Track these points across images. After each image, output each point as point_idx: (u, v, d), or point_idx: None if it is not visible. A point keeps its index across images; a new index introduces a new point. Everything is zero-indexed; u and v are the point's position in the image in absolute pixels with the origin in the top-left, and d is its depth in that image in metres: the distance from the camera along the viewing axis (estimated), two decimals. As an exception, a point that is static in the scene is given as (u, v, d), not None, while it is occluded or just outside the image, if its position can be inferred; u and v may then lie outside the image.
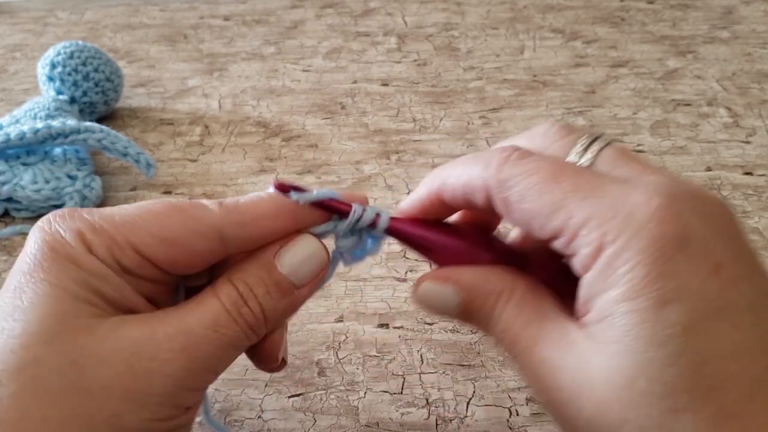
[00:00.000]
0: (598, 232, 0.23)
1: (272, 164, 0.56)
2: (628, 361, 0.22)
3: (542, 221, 0.25)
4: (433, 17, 0.77)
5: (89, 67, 0.58)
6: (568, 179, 0.24)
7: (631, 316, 0.22)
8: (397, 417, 0.37)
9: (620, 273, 0.22)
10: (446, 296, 0.28)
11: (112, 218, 0.27)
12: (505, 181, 0.25)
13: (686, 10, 0.76)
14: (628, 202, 0.23)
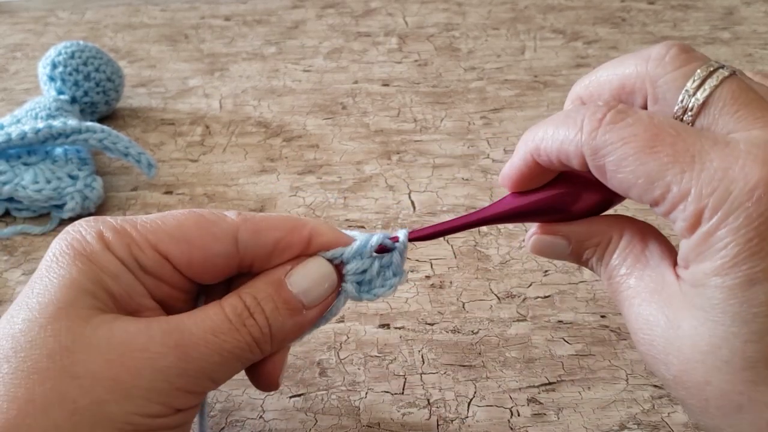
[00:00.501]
0: (695, 208, 0.23)
1: (273, 164, 0.56)
2: (715, 331, 0.23)
3: (640, 192, 0.24)
4: (434, 17, 0.77)
5: (90, 67, 0.58)
6: (666, 147, 0.23)
7: (720, 290, 0.23)
8: (399, 417, 0.37)
9: (715, 249, 0.23)
10: (558, 246, 0.30)
11: (134, 221, 0.28)
12: (599, 149, 0.25)
13: (687, 11, 0.76)
14: (727, 176, 0.22)
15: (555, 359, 0.40)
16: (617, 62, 0.28)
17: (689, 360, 0.24)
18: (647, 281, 0.26)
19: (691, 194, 0.23)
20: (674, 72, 0.25)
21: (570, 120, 0.26)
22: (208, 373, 0.27)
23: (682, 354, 0.24)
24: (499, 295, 0.44)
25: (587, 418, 0.37)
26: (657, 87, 0.26)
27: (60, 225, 0.51)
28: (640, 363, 0.40)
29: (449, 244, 0.48)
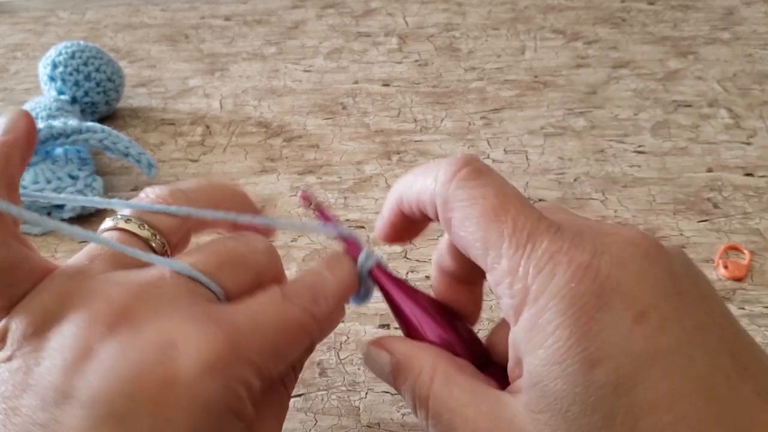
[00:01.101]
0: (522, 285, 0.23)
1: (273, 164, 0.56)
2: (564, 429, 0.21)
3: (476, 254, 0.25)
4: (434, 18, 0.77)
5: (91, 67, 0.58)
6: (508, 219, 0.24)
7: (560, 381, 0.21)
8: (399, 417, 0.37)
9: (544, 334, 0.22)
10: (381, 362, 0.28)
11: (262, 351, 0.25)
12: (447, 202, 0.25)
13: (687, 11, 0.76)
14: (553, 259, 0.23)
15: (555, 359, 0.40)
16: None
17: None
18: (477, 405, 0.24)
19: (519, 272, 0.23)
20: None
21: (429, 170, 0.26)
22: None
23: None
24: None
25: (587, 419, 0.37)
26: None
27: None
28: (640, 363, 0.40)
29: (449, 245, 0.48)
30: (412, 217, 0.28)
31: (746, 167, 0.54)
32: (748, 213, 0.49)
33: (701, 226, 0.48)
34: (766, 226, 0.48)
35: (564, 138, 0.58)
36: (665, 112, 0.60)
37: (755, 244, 0.47)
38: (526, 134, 0.58)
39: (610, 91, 0.64)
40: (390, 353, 0.28)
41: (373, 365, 0.29)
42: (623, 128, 0.59)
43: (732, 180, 0.52)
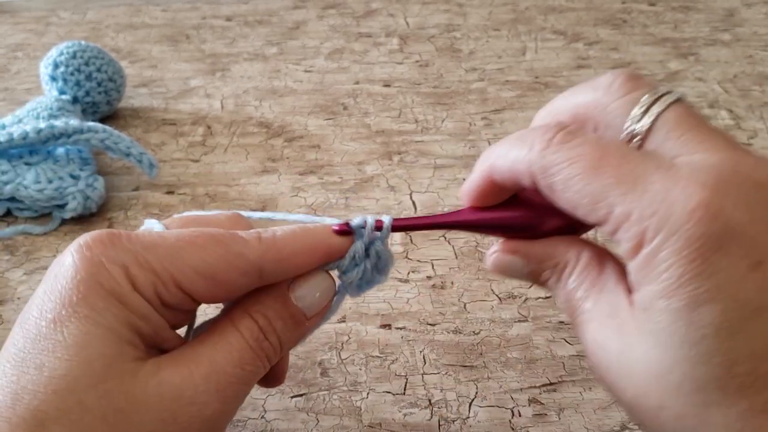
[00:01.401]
0: (637, 229, 0.23)
1: (275, 165, 0.56)
2: (664, 356, 0.23)
3: (585, 211, 0.25)
4: (435, 18, 0.77)
5: (92, 66, 0.58)
6: (611, 169, 0.24)
7: (666, 314, 0.23)
8: (400, 417, 0.37)
9: (658, 271, 0.23)
10: (516, 266, 0.29)
11: (154, 249, 0.27)
12: (547, 168, 0.25)
13: (688, 12, 0.76)
14: (668, 198, 0.23)
15: (556, 360, 0.40)
16: (572, 91, 0.29)
17: (642, 385, 0.23)
18: (603, 305, 0.26)
19: (633, 216, 0.23)
20: (621, 99, 0.26)
21: (522, 140, 0.26)
22: (237, 406, 0.28)
23: (635, 379, 0.24)
24: (501, 296, 0.44)
25: (588, 419, 0.37)
26: (606, 114, 0.26)
27: (62, 225, 0.51)
28: (641, 364, 0.40)
29: (450, 245, 0.48)
30: (503, 185, 0.28)
31: (747, 168, 0.54)
32: (748, 214, 0.49)
33: (702, 226, 0.48)
34: (766, 227, 0.48)
35: (565, 139, 0.58)
36: (666, 113, 0.60)
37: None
38: (527, 135, 0.58)
39: (611, 92, 0.64)
40: (523, 257, 0.29)
41: (504, 271, 0.30)
42: (624, 129, 0.59)
43: (733, 181, 0.52)
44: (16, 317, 0.43)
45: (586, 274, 0.27)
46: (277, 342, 0.29)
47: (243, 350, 0.28)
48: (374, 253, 0.31)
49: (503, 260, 0.29)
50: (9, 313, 0.44)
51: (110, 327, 0.25)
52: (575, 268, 0.27)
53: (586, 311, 0.26)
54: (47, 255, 0.48)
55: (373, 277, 0.31)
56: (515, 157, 0.26)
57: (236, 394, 0.27)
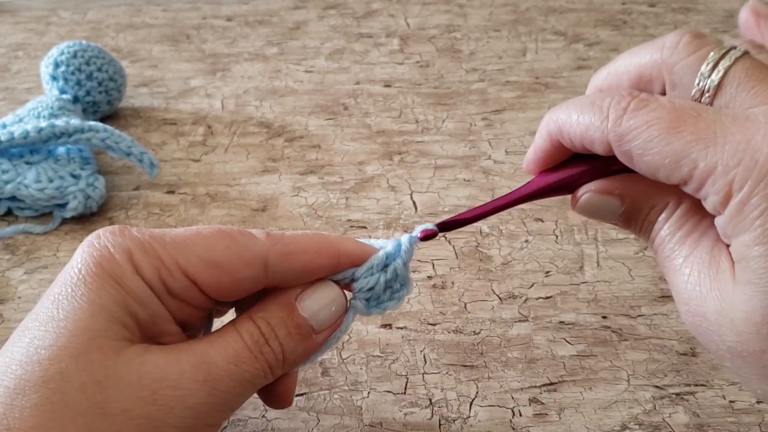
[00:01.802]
0: (724, 180, 0.24)
1: (275, 165, 0.56)
2: (766, 302, 0.23)
3: (668, 172, 0.25)
4: (436, 19, 0.77)
5: (93, 66, 0.58)
6: (689, 127, 0.24)
7: (764, 259, 0.23)
8: (401, 417, 0.37)
9: (750, 218, 0.23)
10: (610, 206, 0.29)
11: (162, 239, 0.28)
12: (624, 135, 0.26)
13: (688, 14, 0.76)
14: (750, 146, 0.23)
15: (556, 360, 0.40)
16: (634, 52, 0.29)
17: (743, 332, 0.24)
18: (701, 254, 0.26)
19: (718, 168, 0.24)
20: (689, 57, 0.26)
21: (596, 107, 0.27)
22: (229, 404, 0.27)
23: (735, 327, 0.24)
24: (501, 296, 0.44)
25: (589, 419, 0.37)
26: (673, 73, 0.27)
27: (62, 224, 0.51)
28: (641, 363, 0.40)
29: (451, 245, 0.48)
30: (570, 149, 0.29)
31: (747, 169, 0.54)
32: (748, 214, 0.49)
33: (702, 227, 0.48)
34: (766, 228, 0.48)
35: (565, 139, 0.58)
36: (666, 113, 0.61)
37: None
38: (527, 135, 0.58)
39: (611, 92, 0.64)
40: (619, 198, 0.28)
41: (599, 210, 0.29)
42: (624, 130, 0.59)
43: (733, 181, 0.52)
44: (16, 316, 0.43)
45: (686, 219, 0.27)
46: (279, 350, 0.28)
47: (240, 349, 0.27)
48: (392, 269, 0.30)
49: (598, 200, 0.29)
50: (9, 312, 0.44)
51: (103, 305, 0.26)
52: (674, 212, 0.27)
53: (683, 257, 0.26)
54: (48, 254, 0.48)
55: (384, 296, 0.31)
56: (588, 124, 0.27)
57: (228, 390, 0.27)
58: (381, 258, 0.30)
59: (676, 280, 0.26)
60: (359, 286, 0.30)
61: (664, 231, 0.27)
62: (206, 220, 0.51)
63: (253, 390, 0.29)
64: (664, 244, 0.27)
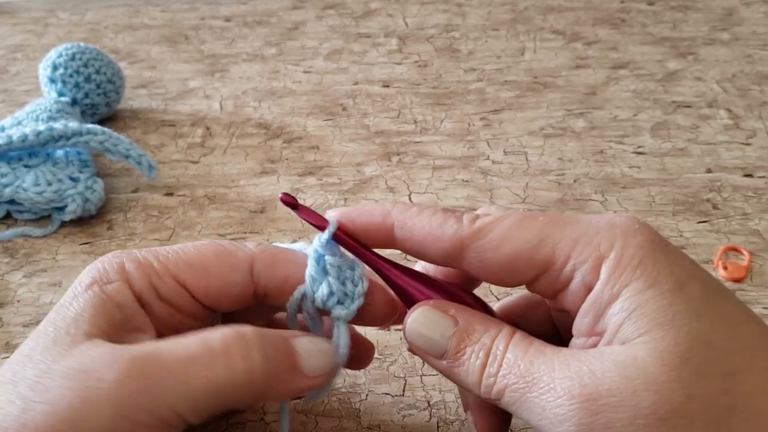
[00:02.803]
0: (592, 247, 0.25)
1: (273, 166, 0.56)
2: (677, 336, 0.23)
3: (528, 257, 0.26)
4: (434, 18, 0.77)
5: (91, 68, 0.58)
6: (540, 217, 0.27)
7: (660, 299, 0.24)
8: (399, 419, 0.37)
9: (629, 270, 0.24)
10: (441, 327, 0.28)
11: (157, 251, 0.30)
12: (480, 230, 0.27)
13: (686, 12, 0.76)
14: (602, 222, 0.26)
15: (555, 361, 0.40)
16: None
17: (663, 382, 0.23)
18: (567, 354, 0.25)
19: (580, 239, 0.26)
20: None
21: (448, 214, 0.28)
22: (173, 407, 0.25)
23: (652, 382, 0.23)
24: (499, 297, 0.44)
25: (587, 420, 0.37)
26: None
27: (61, 227, 0.51)
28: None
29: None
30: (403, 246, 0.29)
31: (745, 168, 0.54)
32: (747, 214, 0.49)
33: (701, 227, 0.48)
34: (765, 227, 0.48)
35: (563, 139, 0.58)
36: (665, 112, 0.61)
37: (754, 245, 0.47)
38: (525, 135, 0.58)
39: (610, 91, 0.64)
40: (452, 319, 0.28)
41: (426, 329, 0.28)
42: (623, 129, 0.59)
43: (731, 181, 0.52)
44: (15, 320, 0.44)
45: (529, 338, 0.27)
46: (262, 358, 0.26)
47: (196, 347, 0.26)
48: (328, 266, 0.29)
49: (431, 316, 0.28)
50: (9, 316, 0.44)
51: (77, 307, 0.27)
52: (514, 333, 0.27)
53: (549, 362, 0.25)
54: (47, 257, 0.48)
55: (348, 288, 0.30)
56: (440, 223, 0.28)
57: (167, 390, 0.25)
58: (313, 265, 0.29)
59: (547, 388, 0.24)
60: (320, 298, 0.29)
61: (512, 351, 0.26)
62: (205, 222, 0.51)
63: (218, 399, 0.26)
64: (515, 364, 0.25)
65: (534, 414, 0.25)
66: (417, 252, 0.29)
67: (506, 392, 0.25)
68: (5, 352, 0.42)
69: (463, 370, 0.27)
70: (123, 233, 0.50)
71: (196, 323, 0.30)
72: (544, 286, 0.27)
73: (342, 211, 0.30)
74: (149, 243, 0.49)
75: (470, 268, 0.27)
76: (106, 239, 0.50)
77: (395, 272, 0.30)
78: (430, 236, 0.27)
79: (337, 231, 0.29)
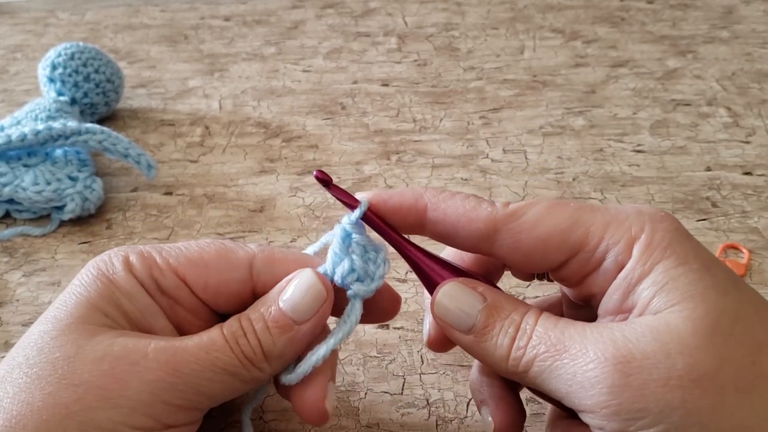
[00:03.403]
0: (622, 230, 0.26)
1: (273, 165, 0.56)
2: (708, 308, 0.24)
3: (560, 239, 0.27)
4: (434, 17, 0.77)
5: (90, 68, 0.58)
6: (571, 203, 0.28)
7: (690, 275, 0.25)
8: (398, 417, 0.37)
9: (660, 250, 0.26)
10: (470, 302, 0.28)
11: (160, 247, 0.31)
12: (514, 212, 0.28)
13: (686, 10, 0.76)
14: (631, 209, 0.27)
15: (554, 359, 0.40)
16: None
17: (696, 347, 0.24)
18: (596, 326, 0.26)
19: (611, 223, 0.27)
20: None
21: (479, 199, 0.29)
22: (199, 389, 0.28)
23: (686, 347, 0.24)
24: (498, 295, 0.44)
25: (586, 418, 0.37)
26: None
27: (60, 226, 0.51)
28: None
29: (448, 245, 0.48)
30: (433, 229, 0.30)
31: (745, 166, 0.54)
32: (746, 212, 0.49)
33: (700, 225, 0.48)
34: (764, 225, 0.48)
35: (563, 137, 0.58)
36: (664, 111, 0.61)
37: (754, 242, 0.47)
38: (525, 134, 0.58)
39: (609, 90, 0.64)
40: (481, 295, 0.28)
41: (455, 303, 0.28)
42: (622, 127, 0.59)
43: (731, 179, 0.52)
44: (15, 318, 0.44)
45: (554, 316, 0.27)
46: (257, 342, 0.29)
47: (214, 338, 0.29)
48: (353, 244, 0.30)
49: (459, 291, 0.28)
50: (8, 315, 0.44)
51: (88, 297, 0.29)
52: (541, 311, 0.28)
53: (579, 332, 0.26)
54: (46, 257, 0.48)
55: (370, 267, 0.30)
56: (474, 206, 0.28)
57: (195, 375, 0.28)
58: (338, 243, 0.30)
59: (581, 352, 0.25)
60: (340, 274, 0.30)
61: (540, 326, 0.26)
62: (204, 221, 0.51)
63: (236, 381, 0.29)
64: (545, 336, 0.26)
65: (563, 381, 0.25)
66: (448, 235, 0.29)
67: (535, 362, 0.26)
68: (4, 350, 0.42)
69: (490, 344, 0.27)
70: (122, 232, 0.50)
71: (199, 322, 0.31)
72: (573, 270, 0.27)
73: (374, 193, 0.30)
74: (148, 242, 0.49)
75: (502, 251, 0.28)
76: (105, 238, 0.50)
77: (421, 257, 0.30)
78: (465, 217, 0.28)
79: (368, 212, 0.29)
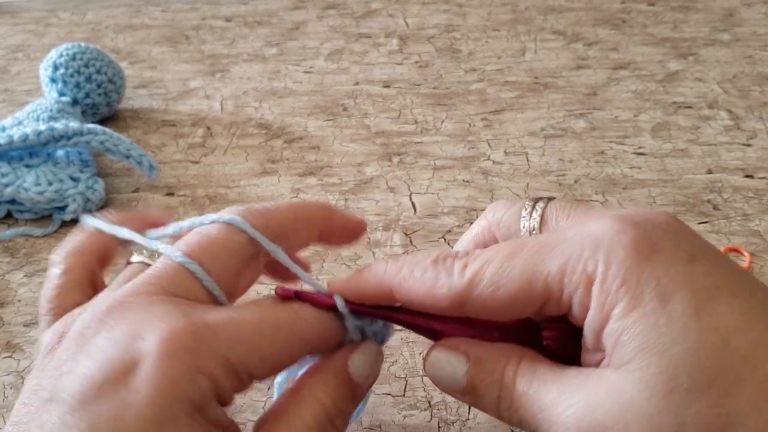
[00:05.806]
0: (579, 271, 0.24)
1: (274, 166, 0.56)
2: (662, 364, 0.22)
3: (526, 296, 0.25)
4: (435, 19, 0.77)
5: (92, 68, 0.58)
6: (523, 249, 0.26)
7: (643, 321, 0.23)
8: (400, 419, 0.37)
9: (614, 290, 0.23)
10: (455, 365, 0.28)
11: (235, 349, 0.25)
12: (471, 280, 0.26)
13: (687, 12, 0.76)
14: (588, 236, 0.25)
15: (555, 361, 0.40)
16: (468, 230, 0.32)
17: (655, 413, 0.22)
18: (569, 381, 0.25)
19: (568, 264, 0.24)
20: (509, 211, 0.30)
21: (439, 265, 0.27)
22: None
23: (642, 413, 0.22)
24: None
25: (588, 421, 0.37)
26: (501, 228, 0.30)
27: (62, 227, 0.51)
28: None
29: (450, 246, 0.48)
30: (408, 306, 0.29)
31: (746, 169, 0.54)
32: (748, 215, 0.49)
33: (701, 227, 0.48)
34: (766, 228, 0.48)
35: (564, 139, 0.58)
36: (665, 113, 0.61)
37: (755, 245, 0.47)
38: (526, 136, 0.58)
39: (611, 92, 0.64)
40: (464, 354, 0.28)
41: (442, 370, 0.28)
42: (623, 130, 0.59)
43: (732, 181, 0.52)
44: (16, 319, 0.44)
45: (537, 364, 0.26)
46: (342, 424, 0.27)
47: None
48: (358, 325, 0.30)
49: (442, 357, 0.28)
50: (9, 316, 0.44)
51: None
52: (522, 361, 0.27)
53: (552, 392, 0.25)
54: (47, 257, 0.48)
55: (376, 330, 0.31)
56: (434, 280, 0.27)
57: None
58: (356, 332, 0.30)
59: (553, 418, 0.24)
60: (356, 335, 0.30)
61: (520, 381, 0.26)
62: (205, 222, 0.51)
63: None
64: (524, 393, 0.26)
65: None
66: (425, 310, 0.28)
67: (522, 424, 0.26)
68: (6, 351, 0.42)
69: (483, 403, 0.27)
70: (124, 233, 0.50)
71: None
72: (551, 311, 0.26)
73: (339, 287, 0.29)
74: (150, 243, 0.49)
75: (477, 314, 0.27)
76: (107, 239, 0.50)
77: (412, 318, 0.30)
78: (429, 298, 0.27)
79: (348, 304, 0.29)
